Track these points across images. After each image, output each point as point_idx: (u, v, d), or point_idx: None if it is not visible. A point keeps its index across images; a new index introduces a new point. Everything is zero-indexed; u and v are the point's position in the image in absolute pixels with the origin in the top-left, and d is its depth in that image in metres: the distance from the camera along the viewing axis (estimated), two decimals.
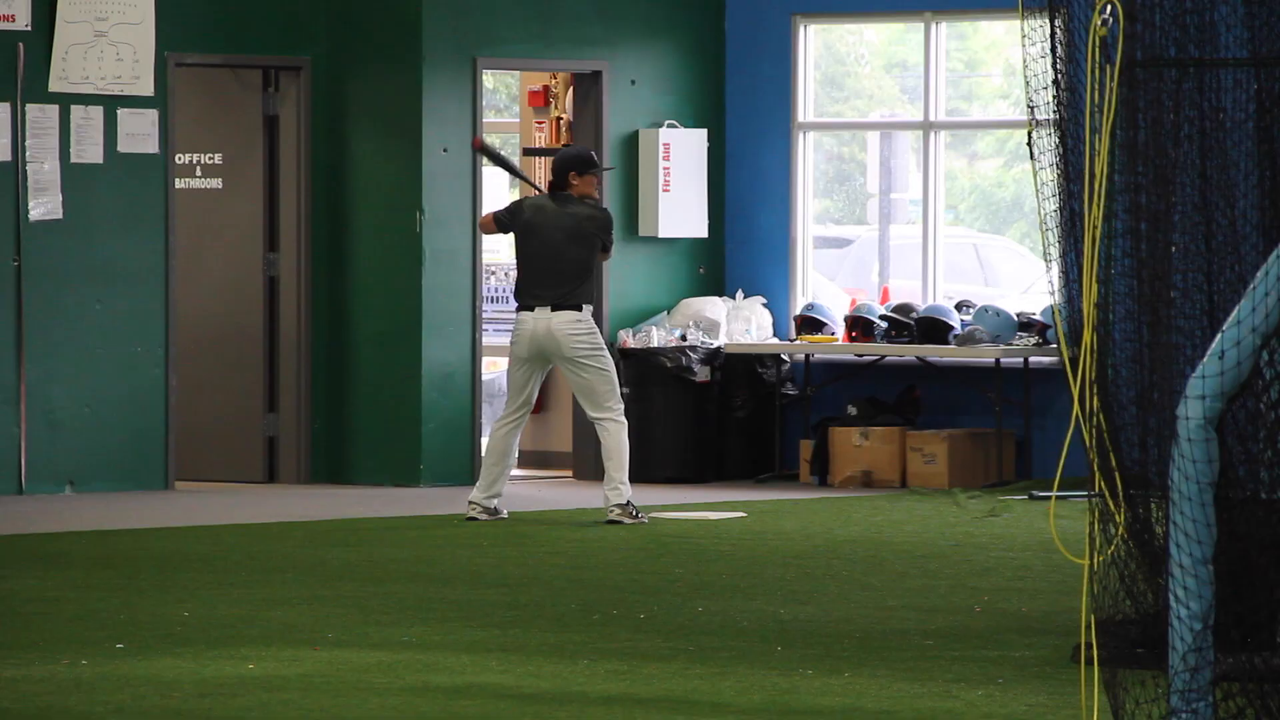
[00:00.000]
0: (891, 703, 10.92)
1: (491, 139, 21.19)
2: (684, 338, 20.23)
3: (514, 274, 22.13)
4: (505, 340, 22.09)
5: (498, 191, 21.67)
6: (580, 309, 17.17)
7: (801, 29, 20.71)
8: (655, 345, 20.16)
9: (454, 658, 12.00)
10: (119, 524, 17.51)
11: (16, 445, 18.48)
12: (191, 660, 11.47)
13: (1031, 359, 19.37)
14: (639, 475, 19.98)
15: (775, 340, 20.54)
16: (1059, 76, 9.29)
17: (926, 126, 20.98)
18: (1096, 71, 8.91)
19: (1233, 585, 8.20)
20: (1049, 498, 16.39)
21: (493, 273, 21.35)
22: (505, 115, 22.32)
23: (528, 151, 21.61)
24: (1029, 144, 9.79)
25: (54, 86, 18.69)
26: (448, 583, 14.81)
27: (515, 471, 21.06)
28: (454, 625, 13.09)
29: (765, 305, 20.63)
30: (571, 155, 17.30)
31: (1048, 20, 9.26)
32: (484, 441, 20.36)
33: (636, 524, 17.05)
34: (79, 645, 12.15)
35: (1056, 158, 9.32)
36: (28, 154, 18.62)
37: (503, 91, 21.51)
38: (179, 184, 19.55)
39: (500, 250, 21.76)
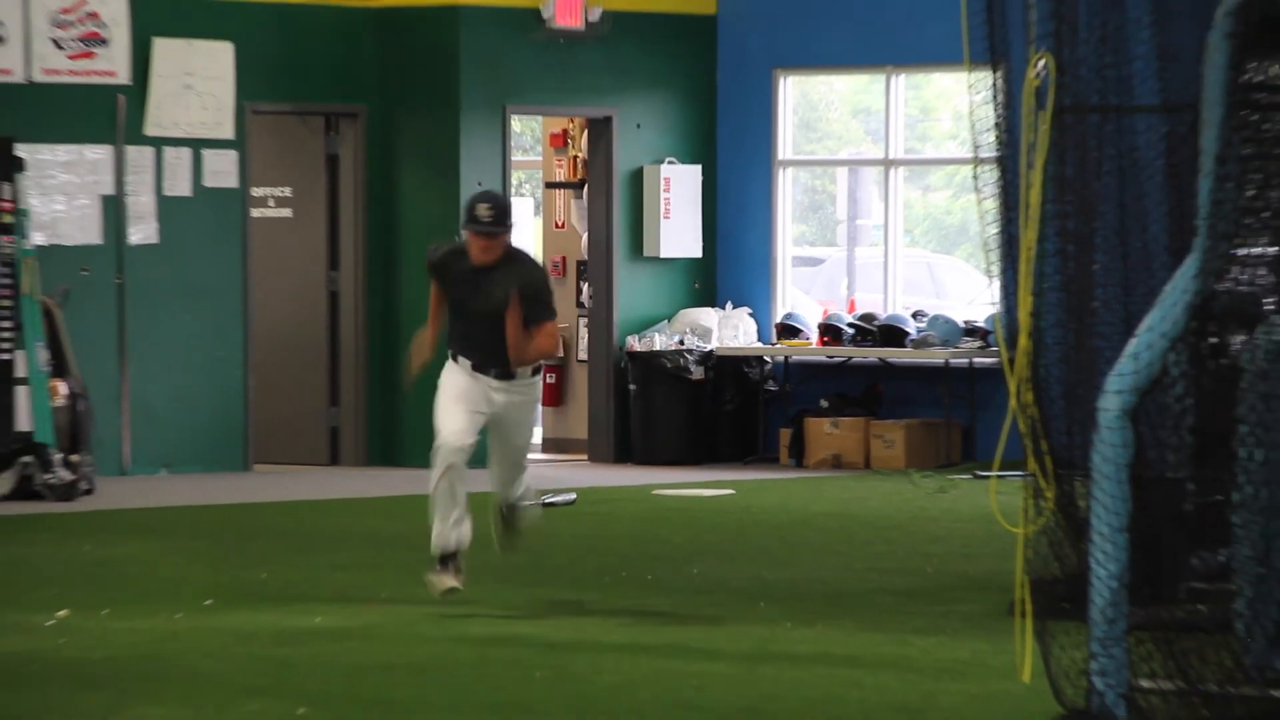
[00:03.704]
0: (857, 649, 10.94)
1: (517, 175, 21.17)
2: (681, 342, 20.21)
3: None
4: None
5: (525, 220, 21.64)
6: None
7: (781, 80, 20.71)
8: (657, 348, 20.15)
9: (488, 612, 12.02)
10: (206, 500, 17.51)
11: (119, 434, 18.49)
12: (268, 614, 11.50)
13: (976, 360, 19.36)
14: (645, 458, 20.00)
15: (759, 344, 20.53)
16: (999, 120, 9.28)
17: (887, 163, 20.97)
18: (1031, 116, 8.91)
19: (1143, 550, 8.21)
20: (990, 477, 16.40)
21: None
22: (530, 154, 22.28)
23: (549, 185, 21.61)
24: (974, 178, 9.78)
25: (149, 131, 18.68)
26: (483, 549, 14.79)
27: (537, 455, 21.10)
28: (488, 585, 13.09)
29: (750, 315, 20.62)
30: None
31: (990, 72, 9.26)
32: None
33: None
34: (174, 602, 12.17)
35: (997, 189, 9.30)
36: (128, 189, 18.62)
37: (528, 134, 21.49)
38: (255, 213, 19.54)
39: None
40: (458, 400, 11.16)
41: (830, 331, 20.33)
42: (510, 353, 11.01)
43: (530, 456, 12.13)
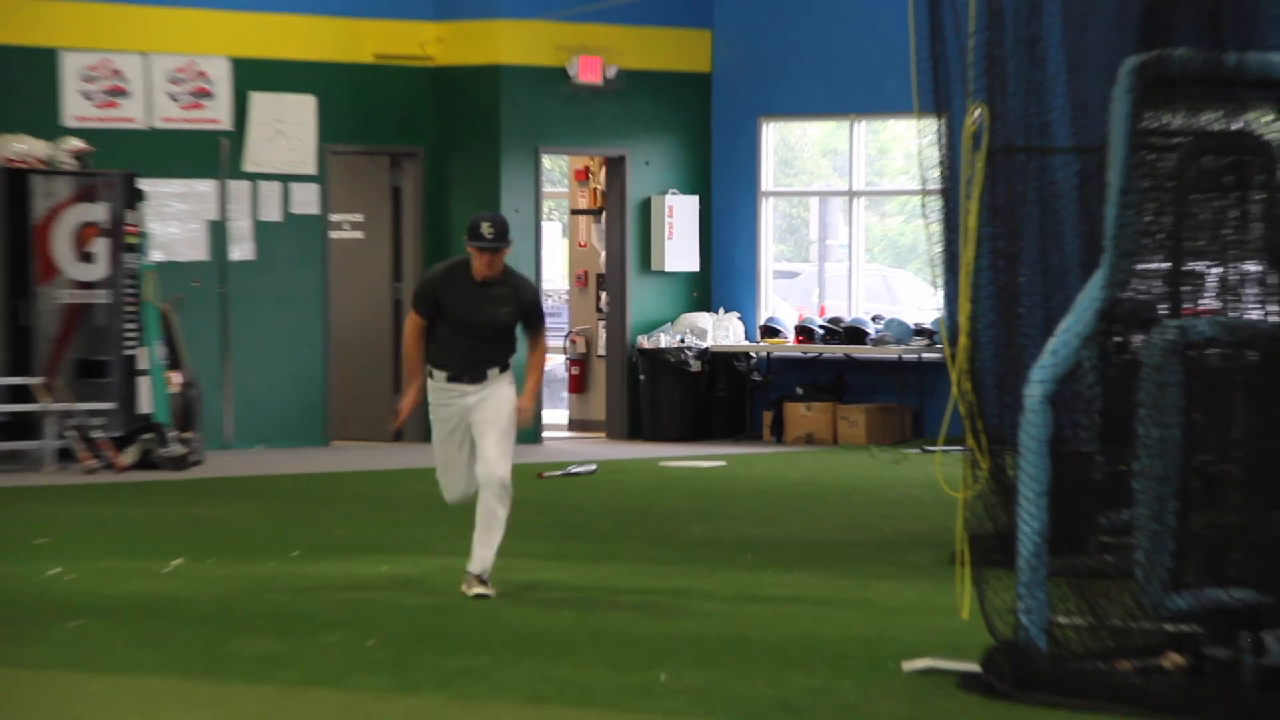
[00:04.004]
0: (827, 592, 10.95)
1: (547, 204, 21.17)
2: (682, 341, 20.19)
3: (564, 296, 22.21)
4: (559, 340, 22.18)
5: (556, 241, 21.63)
6: None
7: (764, 126, 20.68)
8: (662, 346, 20.13)
9: (524, 562, 12.00)
10: (293, 470, 17.51)
11: (222, 416, 18.49)
12: (344, 563, 11.51)
13: (924, 355, 19.33)
14: (652, 436, 19.98)
15: (746, 342, 20.51)
16: (943, 159, 9.27)
17: (850, 194, 20.93)
18: (969, 156, 8.92)
19: (1060, 511, 8.22)
20: (935, 451, 16.41)
21: (550, 295, 21.29)
22: (558, 187, 22.26)
23: (574, 212, 21.57)
24: (923, 206, 9.78)
25: (246, 168, 18.69)
26: (520, 510, 14.78)
27: (564, 433, 21.13)
28: (524, 540, 13.07)
29: (739, 318, 20.59)
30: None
31: (935, 120, 9.26)
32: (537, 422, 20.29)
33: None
34: (268, 553, 12.18)
35: (941, 216, 9.29)
36: (229, 215, 18.63)
37: (556, 170, 21.50)
38: (332, 235, 19.53)
39: (554, 279, 21.66)
40: (449, 451, 10.17)
41: (804, 332, 20.33)
42: (531, 372, 10.26)
43: (508, 460, 10.29)
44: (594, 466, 17.37)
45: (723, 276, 20.90)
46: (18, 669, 8.70)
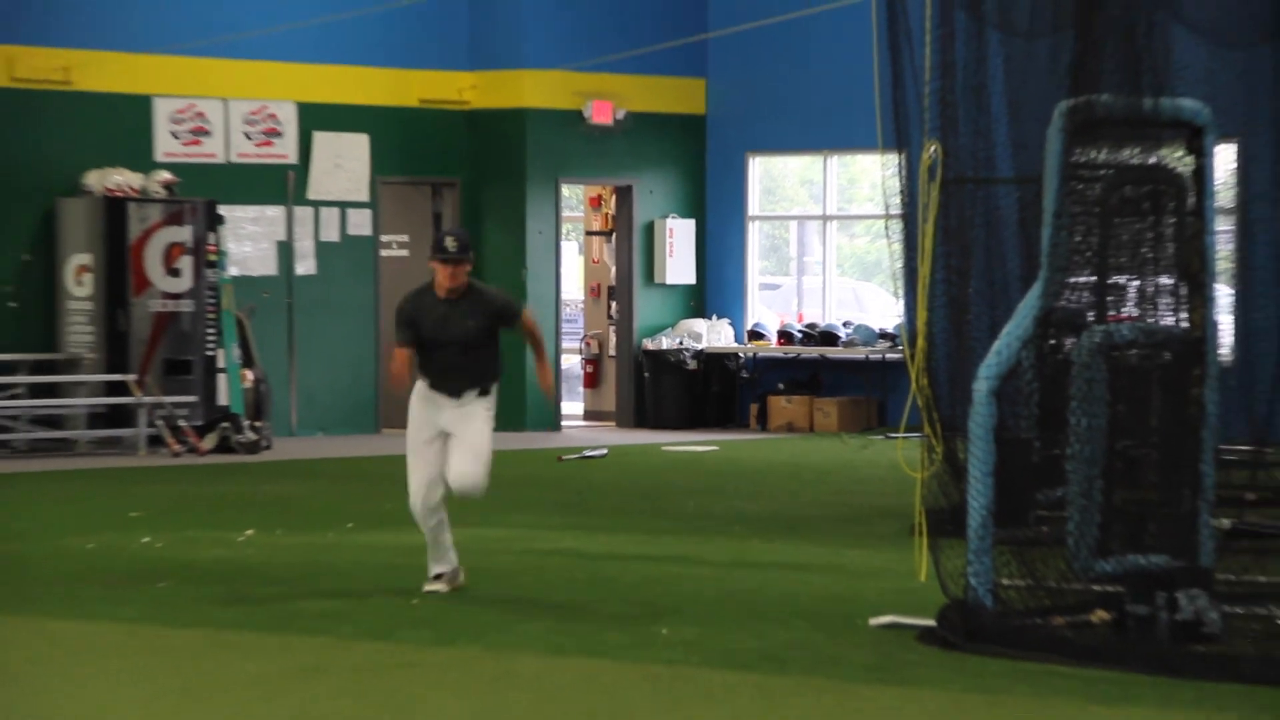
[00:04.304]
0: (805, 558, 10.94)
1: (566, 226, 21.15)
2: (681, 343, 20.16)
3: (580, 305, 22.22)
4: (574, 343, 22.19)
5: (572, 259, 21.59)
6: None
7: (750, 160, 20.65)
8: (664, 348, 20.11)
9: (546, 533, 11.99)
10: (349, 454, 17.51)
11: (289, 407, 18.47)
12: (392, 534, 11.46)
13: (887, 355, 19.29)
14: (655, 425, 19.94)
15: (735, 344, 20.48)
16: (903, 188, 9.25)
17: (824, 218, 20.93)
18: (925, 186, 8.90)
19: (1004, 488, 8.20)
20: (897, 438, 16.36)
21: (567, 305, 21.25)
22: (575, 212, 22.22)
23: (589, 233, 21.52)
24: (886, 229, 9.75)
25: (310, 196, 18.68)
26: (541, 488, 14.79)
27: (580, 422, 21.11)
28: (544, 513, 13.08)
29: (729, 324, 20.58)
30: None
31: (897, 154, 9.24)
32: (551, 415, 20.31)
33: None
34: (326, 524, 12.18)
35: (902, 236, 9.29)
36: (295, 236, 18.63)
37: (573, 197, 21.48)
38: (383, 254, 19.48)
39: (571, 291, 21.63)
40: (420, 453, 9.09)
41: (785, 336, 20.31)
42: (535, 348, 9.30)
43: (488, 466, 9.20)
44: (605, 451, 17.33)
45: (715, 288, 20.87)
46: (115, 623, 8.72)
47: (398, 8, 18.61)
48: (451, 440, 9.01)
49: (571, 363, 21.71)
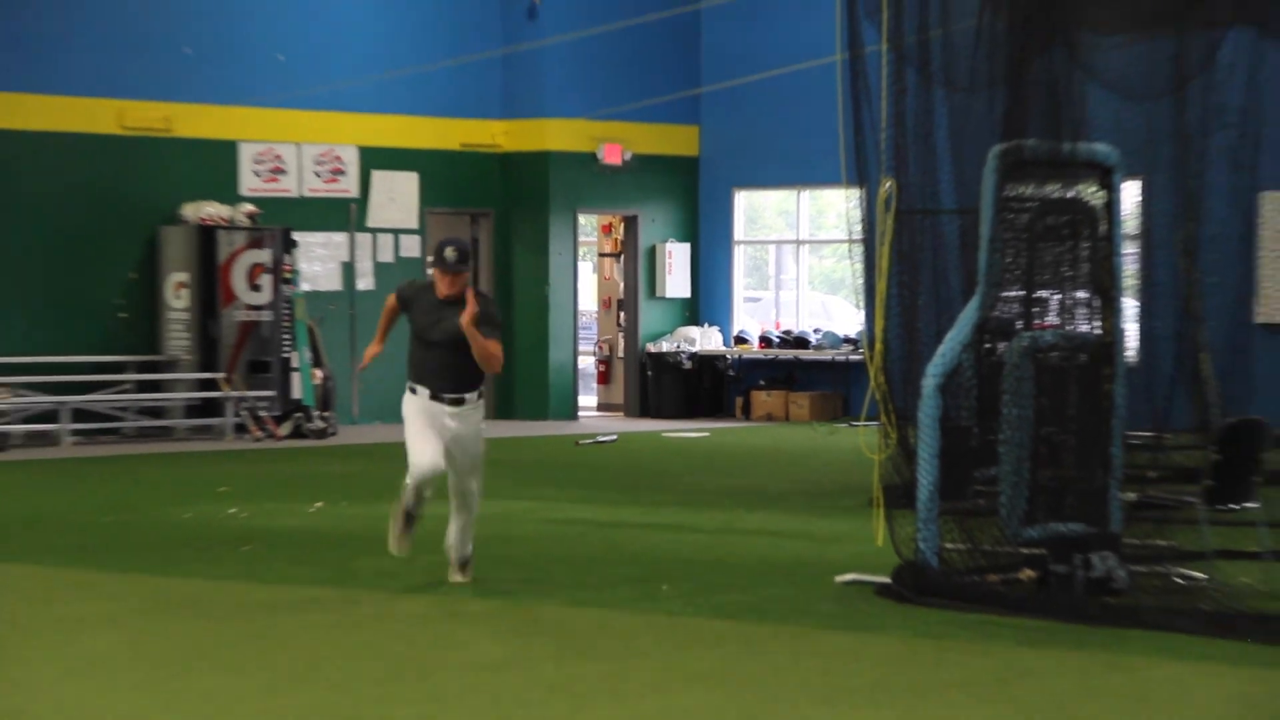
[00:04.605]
0: (782, 527, 10.92)
1: (582, 249, 21.13)
2: (679, 347, 20.15)
3: (594, 315, 22.24)
4: (589, 346, 22.14)
5: (587, 276, 21.58)
6: None
7: (736, 194, 20.63)
8: (664, 350, 20.08)
9: (563, 505, 11.99)
10: (401, 439, 17.47)
11: (351, 400, 18.40)
12: (438, 505, 11.47)
13: (850, 357, 19.26)
14: (657, 415, 19.85)
15: (724, 347, 20.45)
16: (864, 218, 9.26)
17: (798, 242, 20.92)
18: (882, 215, 8.91)
19: (947, 467, 8.22)
20: (858, 425, 16.37)
21: (584, 314, 21.26)
22: (590, 236, 22.15)
23: (601, 255, 21.44)
24: (849, 251, 9.74)
25: (369, 224, 18.65)
26: (562, 467, 14.79)
27: (594, 413, 20.83)
28: (565, 489, 13.08)
29: (719, 330, 20.58)
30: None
31: (859, 189, 9.24)
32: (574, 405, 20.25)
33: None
34: (383, 498, 12.09)
35: (862, 258, 9.29)
36: (356, 257, 18.62)
37: (588, 225, 21.42)
38: (429, 273, 19.45)
39: (586, 303, 21.61)
40: (424, 429, 8.13)
41: (765, 340, 20.28)
42: (475, 355, 8.10)
43: (480, 480, 8.39)
44: (615, 436, 17.32)
45: (707, 301, 20.85)
46: (207, 580, 8.74)
47: (442, 67, 18.63)
48: (452, 456, 8.13)
49: (587, 363, 21.69)
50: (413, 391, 8.30)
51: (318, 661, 6.77)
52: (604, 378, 21.26)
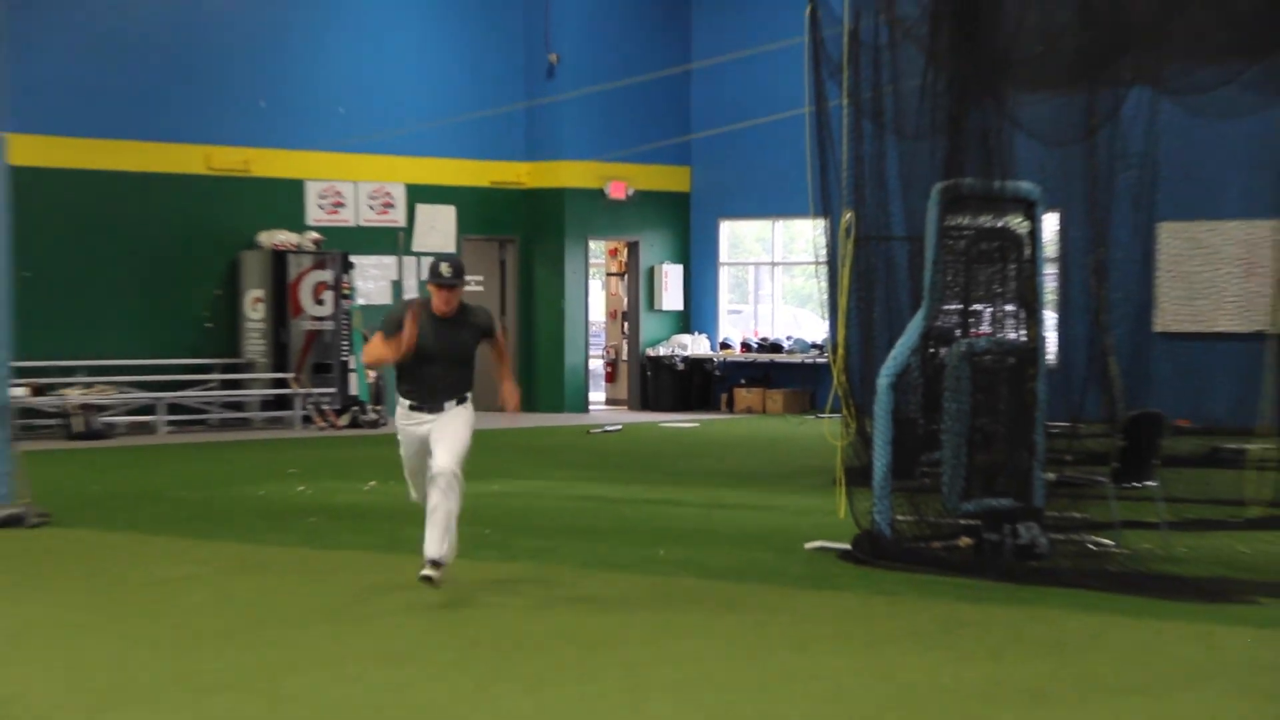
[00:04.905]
0: (759, 501, 10.91)
1: (593, 270, 21.12)
2: (673, 351, 20.17)
3: (602, 325, 22.23)
4: (599, 351, 22.11)
5: (597, 292, 21.55)
6: None
7: (721, 223, 20.66)
8: (661, 354, 20.10)
9: (578, 483, 11.97)
10: None
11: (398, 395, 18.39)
12: (476, 485, 11.42)
13: (817, 360, 19.25)
14: (655, 409, 19.86)
15: (711, 352, 20.45)
16: (828, 243, 9.25)
17: (773, 264, 20.93)
18: (843, 241, 8.91)
19: (898, 452, 8.22)
20: (824, 418, 16.36)
21: (594, 324, 21.24)
22: (598, 259, 22.08)
23: (609, 274, 21.48)
24: (816, 272, 9.73)
25: (414, 249, 18.60)
26: (575, 452, 14.77)
27: (603, 407, 20.71)
28: (578, 469, 13.06)
29: (707, 338, 20.58)
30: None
31: (824, 219, 9.24)
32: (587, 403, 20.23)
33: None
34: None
35: (827, 277, 9.29)
36: (403, 276, 18.59)
37: (597, 249, 21.38)
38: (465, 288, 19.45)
39: (596, 315, 21.60)
40: (414, 461, 7.19)
41: (745, 346, 20.26)
42: (500, 364, 7.46)
43: (462, 455, 7.11)
44: (620, 426, 17.33)
45: (697, 313, 20.86)
46: (278, 547, 8.73)
47: (475, 118, 18.64)
48: (433, 438, 7.08)
49: (596, 365, 21.68)
50: (400, 402, 7.15)
51: (371, 615, 6.76)
52: (611, 377, 21.26)
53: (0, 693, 5.37)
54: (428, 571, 6.94)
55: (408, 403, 7.16)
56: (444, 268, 7.09)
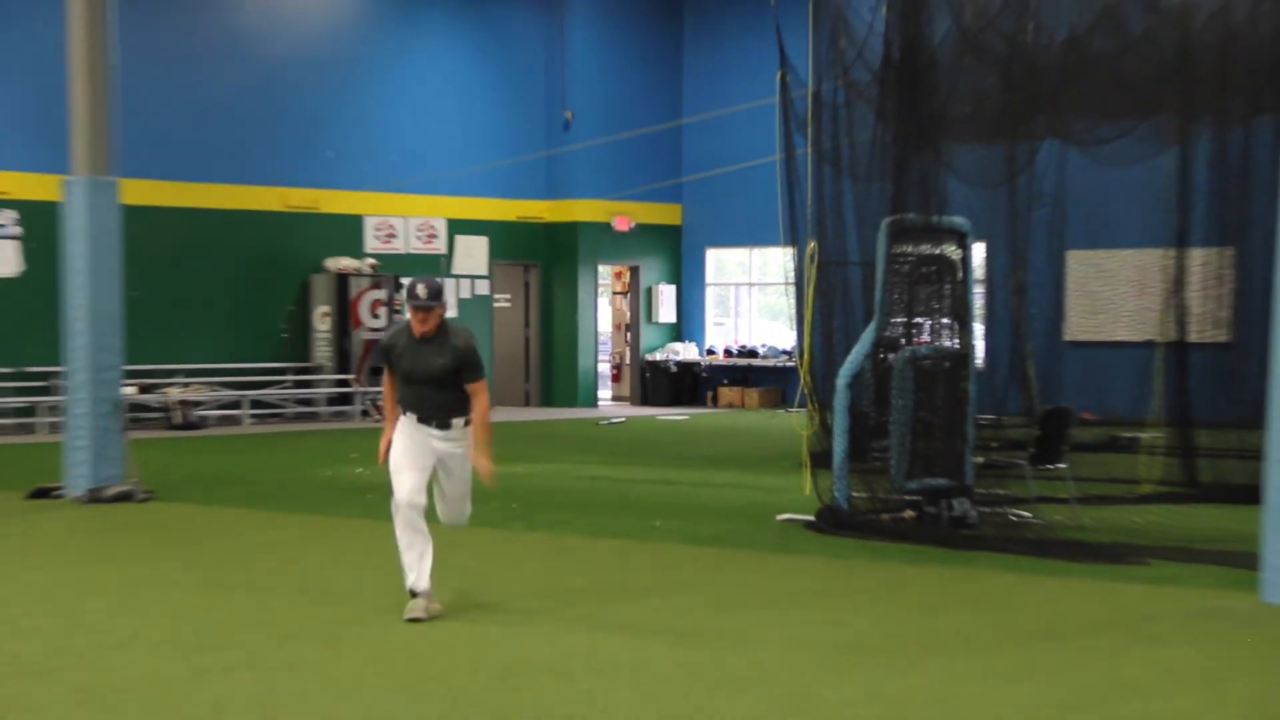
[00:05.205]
0: (739, 480, 10.84)
1: (602, 289, 21.09)
2: (668, 357, 20.16)
3: (609, 335, 22.16)
4: (606, 357, 22.06)
5: (605, 308, 21.53)
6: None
7: (708, 251, 20.63)
8: (658, 359, 20.09)
9: (588, 465, 11.90)
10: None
11: None
12: (508, 466, 11.41)
13: (786, 364, 19.22)
14: (653, 404, 19.82)
15: (699, 357, 20.41)
16: (796, 268, 9.25)
17: (750, 284, 20.88)
18: (808, 266, 8.91)
19: (853, 440, 8.23)
20: (793, 411, 16.36)
21: (602, 335, 21.20)
22: (605, 280, 22.06)
23: (615, 293, 21.31)
24: (785, 290, 9.73)
25: (453, 272, 18.61)
26: (586, 440, 14.71)
27: (609, 402, 20.43)
28: (588, 454, 13.01)
29: (695, 345, 20.56)
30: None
31: (792, 248, 9.24)
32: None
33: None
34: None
35: (795, 295, 9.29)
36: (444, 294, 18.59)
37: (606, 272, 21.35)
38: (495, 305, 19.44)
39: (605, 326, 21.55)
40: (408, 461, 5.83)
41: (727, 352, 20.23)
42: (477, 431, 5.76)
43: (470, 501, 6.10)
44: (624, 419, 17.31)
45: (687, 324, 20.82)
46: (342, 518, 8.72)
47: (503, 164, 18.65)
48: (440, 479, 5.90)
49: (604, 368, 21.63)
50: (404, 414, 5.84)
51: (442, 579, 6.76)
52: (616, 378, 21.20)
53: (115, 639, 5.39)
54: (418, 613, 5.65)
55: (414, 416, 5.79)
56: (420, 289, 5.76)
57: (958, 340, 8.35)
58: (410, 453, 5.76)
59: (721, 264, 21.61)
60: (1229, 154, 9.37)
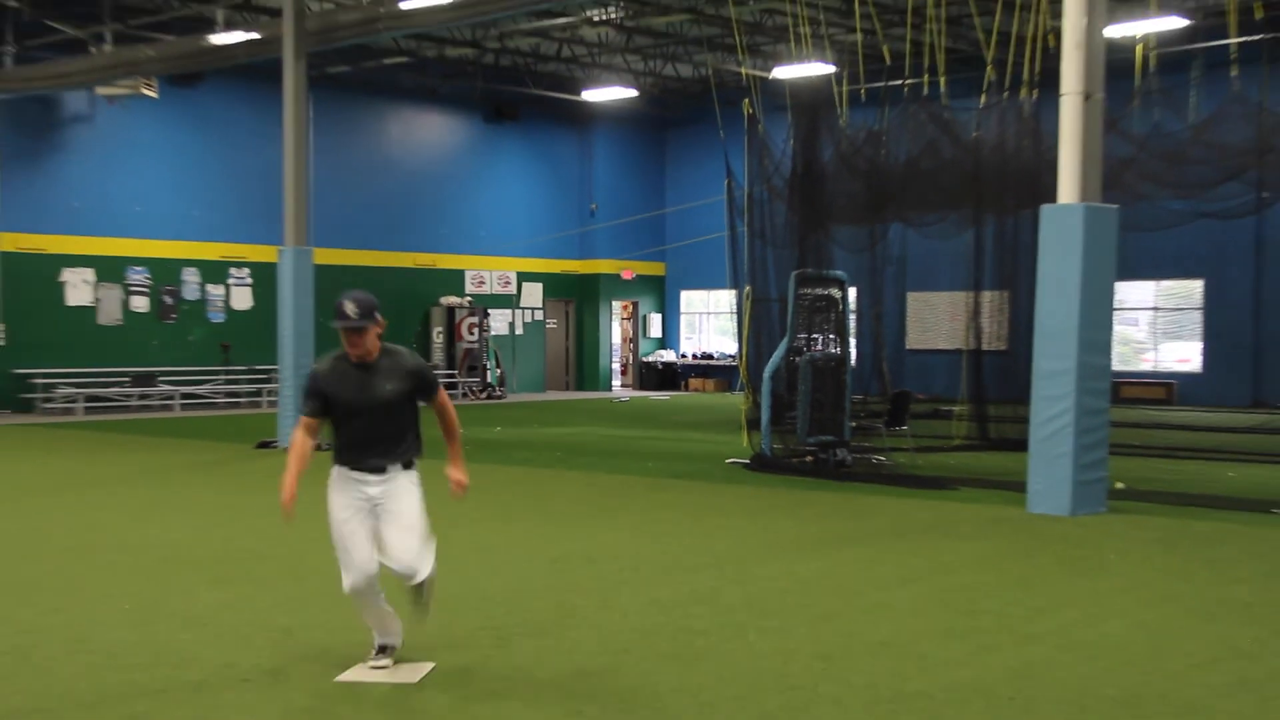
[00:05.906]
0: (702, 437, 10.56)
1: (616, 316, 20.92)
2: (659, 359, 20.05)
3: (619, 345, 21.66)
4: (616, 360, 21.80)
5: (616, 329, 21.43)
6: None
7: (683, 293, 20.54)
8: (650, 360, 19.96)
9: (602, 428, 11.59)
10: (536, 400, 17.07)
11: (514, 381, 18.22)
12: (555, 429, 11.28)
13: (732, 363, 18.94)
14: (647, 389, 19.65)
15: (677, 359, 20.13)
16: (739, 303, 9.16)
17: (710, 314, 20.59)
18: (746, 302, 8.89)
19: (773, 411, 8.23)
20: (737, 394, 16.23)
21: (615, 345, 21.02)
22: (617, 312, 21.81)
23: (623, 319, 20.56)
24: (730, 317, 9.63)
25: (519, 305, 18.37)
26: (602, 413, 14.49)
27: (619, 388, 19.99)
28: (603, 421, 12.67)
29: (675, 352, 20.38)
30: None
31: (734, 290, 9.20)
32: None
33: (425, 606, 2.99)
34: (531, 424, 11.96)
35: (737, 321, 9.22)
36: (515, 320, 18.35)
37: (617, 306, 20.96)
38: (548, 327, 18.99)
39: (615, 340, 21.37)
40: (350, 529, 3.00)
41: (695, 356, 20.03)
42: (453, 445, 3.33)
43: (425, 541, 3.06)
44: (629, 399, 17.12)
45: (669, 339, 20.62)
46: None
47: (551, 237, 18.59)
48: (383, 520, 3.09)
49: (616, 366, 21.43)
50: (335, 467, 3.12)
51: (497, 487, 6.65)
52: (624, 372, 20.97)
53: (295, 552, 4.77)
54: (377, 662, 3.17)
55: (347, 465, 3.10)
56: (347, 305, 3.11)
57: (839, 349, 8.38)
58: (351, 522, 3.07)
59: (690, 300, 21.48)
60: (1005, 233, 9.57)
